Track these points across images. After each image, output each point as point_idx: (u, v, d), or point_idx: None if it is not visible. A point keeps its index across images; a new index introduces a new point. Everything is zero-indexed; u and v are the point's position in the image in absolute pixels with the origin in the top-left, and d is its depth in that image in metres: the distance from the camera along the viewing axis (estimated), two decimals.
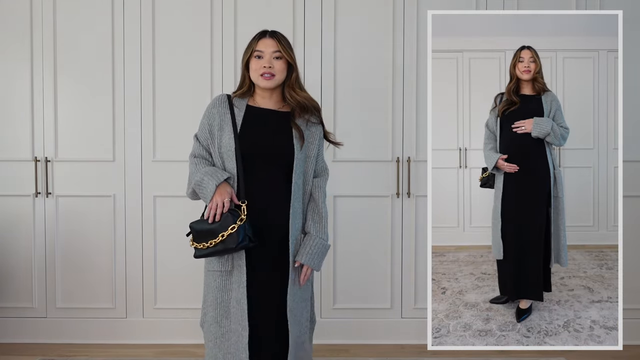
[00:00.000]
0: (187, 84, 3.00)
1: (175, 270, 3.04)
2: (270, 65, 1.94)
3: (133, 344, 3.05)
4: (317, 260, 1.99)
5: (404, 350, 2.98)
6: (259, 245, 1.92)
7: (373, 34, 3.01)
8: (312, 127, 2.03)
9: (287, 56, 1.96)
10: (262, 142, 1.96)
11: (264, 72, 1.94)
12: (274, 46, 1.96)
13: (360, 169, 3.03)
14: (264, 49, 1.95)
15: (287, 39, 2.02)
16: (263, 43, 1.96)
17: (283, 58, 1.96)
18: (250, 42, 2.00)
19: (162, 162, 3.00)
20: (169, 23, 3.00)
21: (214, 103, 2.01)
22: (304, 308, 2.03)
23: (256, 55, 1.96)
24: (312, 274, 2.05)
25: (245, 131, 1.96)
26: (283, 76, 1.98)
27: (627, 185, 2.88)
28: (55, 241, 3.05)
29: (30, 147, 3.03)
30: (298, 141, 1.97)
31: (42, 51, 3.01)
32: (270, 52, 1.95)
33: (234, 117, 1.98)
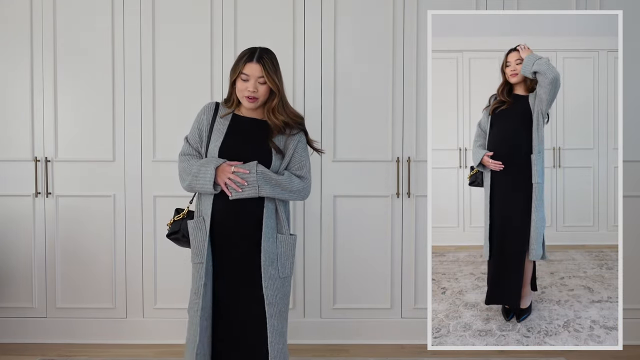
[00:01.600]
0: (187, 84, 3.00)
1: (175, 270, 3.04)
2: (255, 89, 2.10)
3: (133, 344, 3.05)
4: (261, 178, 2.07)
5: (404, 350, 2.98)
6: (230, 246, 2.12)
7: (373, 34, 3.01)
8: (292, 137, 2.18)
9: (271, 82, 2.09)
10: (238, 149, 2.12)
11: (248, 95, 2.10)
12: (259, 72, 2.09)
13: (361, 169, 3.03)
14: (249, 73, 2.09)
15: (274, 60, 2.14)
16: (249, 67, 2.09)
17: (266, 84, 2.10)
18: (238, 61, 2.13)
19: (162, 162, 3.00)
20: (169, 23, 3.00)
21: (204, 109, 2.21)
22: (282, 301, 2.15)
23: (242, 79, 2.10)
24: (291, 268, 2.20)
25: (227, 139, 2.14)
26: (265, 98, 2.14)
27: (627, 185, 2.88)
28: (55, 241, 3.05)
29: (30, 147, 3.04)
30: (276, 154, 2.14)
31: (42, 51, 3.01)
32: (256, 77, 2.09)
33: (212, 125, 2.17)
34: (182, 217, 2.22)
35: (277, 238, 2.14)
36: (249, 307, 2.11)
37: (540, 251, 2.64)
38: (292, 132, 2.17)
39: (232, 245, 2.12)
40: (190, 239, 2.16)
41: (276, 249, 2.12)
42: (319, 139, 2.98)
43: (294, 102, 2.97)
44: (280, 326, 2.11)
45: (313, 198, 3.02)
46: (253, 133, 2.15)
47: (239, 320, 2.13)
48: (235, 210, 2.11)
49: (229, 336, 2.14)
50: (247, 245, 2.11)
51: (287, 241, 2.15)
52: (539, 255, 2.64)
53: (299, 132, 2.19)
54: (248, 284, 2.11)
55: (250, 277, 2.11)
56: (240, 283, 2.12)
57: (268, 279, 2.09)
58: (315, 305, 3.06)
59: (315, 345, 3.02)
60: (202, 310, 2.10)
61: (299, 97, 2.99)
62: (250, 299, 2.11)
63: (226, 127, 2.16)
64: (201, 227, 2.13)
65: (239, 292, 2.12)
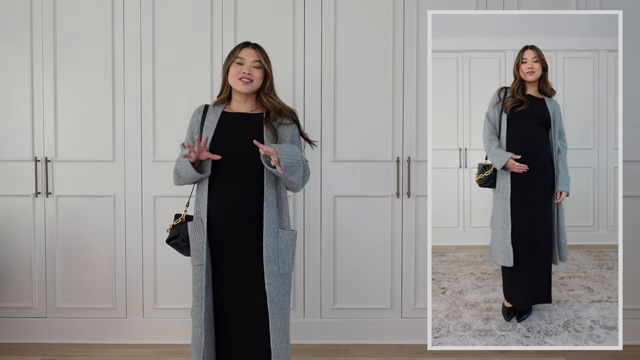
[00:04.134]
0: (187, 84, 3.00)
1: (175, 270, 3.04)
2: (250, 72, 2.14)
3: (133, 344, 3.05)
4: (286, 155, 2.01)
5: (404, 350, 2.98)
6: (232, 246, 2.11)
7: (373, 34, 3.01)
8: (285, 127, 2.18)
9: (266, 66, 2.16)
10: (229, 144, 2.12)
11: (243, 76, 2.13)
12: (255, 56, 2.16)
13: (361, 169, 3.03)
14: (245, 57, 2.16)
15: (267, 54, 2.20)
16: (245, 52, 2.17)
17: (262, 68, 2.16)
18: (233, 50, 2.20)
19: (162, 162, 3.00)
20: (169, 23, 3.00)
21: (194, 113, 2.25)
22: (284, 298, 2.13)
23: (237, 62, 2.15)
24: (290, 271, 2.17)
25: (217, 134, 2.14)
26: (259, 84, 2.17)
27: (627, 185, 2.88)
28: (55, 241, 3.05)
29: (30, 147, 3.04)
30: (269, 139, 2.12)
31: (42, 51, 3.01)
32: (251, 61, 2.15)
33: (202, 125, 2.17)
34: (180, 221, 2.21)
35: (278, 233, 2.12)
36: (251, 306, 2.10)
37: (566, 254, 2.68)
38: (284, 122, 2.17)
39: (231, 244, 2.11)
40: (190, 241, 2.15)
41: (277, 245, 2.11)
42: (318, 139, 2.98)
43: (294, 102, 2.97)
44: (282, 324, 2.10)
45: (313, 198, 3.02)
46: (243, 126, 2.15)
47: (241, 319, 2.12)
48: (232, 207, 2.10)
49: (232, 336, 2.13)
50: (246, 242, 2.10)
51: (288, 236, 2.14)
52: (566, 258, 2.67)
53: (292, 124, 2.20)
54: (249, 282, 2.10)
55: (251, 275, 2.10)
56: (241, 281, 2.11)
57: (270, 275, 2.08)
58: (315, 305, 3.06)
59: (315, 345, 3.02)
60: (205, 312, 2.09)
61: (299, 97, 2.99)
62: (252, 297, 2.10)
63: (215, 123, 2.16)
64: (199, 229, 2.12)
65: (240, 290, 2.11)
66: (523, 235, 2.60)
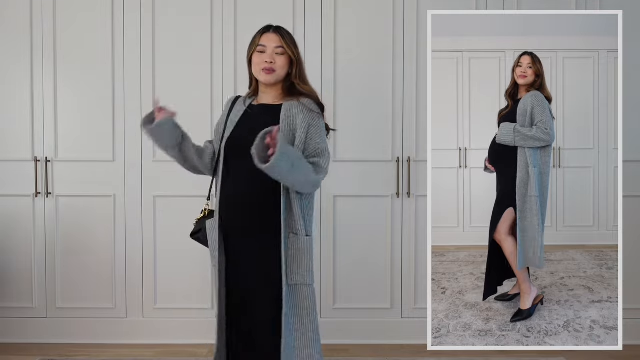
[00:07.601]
0: (187, 84, 3.00)
1: (175, 270, 3.04)
2: (272, 60, 1.93)
3: (133, 344, 3.05)
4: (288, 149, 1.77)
5: (404, 350, 2.98)
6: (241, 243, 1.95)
7: (373, 34, 3.01)
8: (306, 113, 1.92)
9: (290, 52, 1.94)
10: (243, 137, 1.90)
11: (265, 67, 1.93)
12: (277, 41, 1.94)
13: (361, 169, 3.03)
14: (266, 44, 1.94)
15: (292, 35, 2.00)
16: (266, 37, 1.95)
17: (286, 54, 1.94)
18: (255, 36, 1.99)
19: (162, 162, 3.00)
20: (168, 22, 3.00)
21: (225, 103, 2.14)
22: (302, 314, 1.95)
23: (259, 50, 1.94)
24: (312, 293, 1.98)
25: (236, 130, 1.98)
26: (284, 72, 1.96)
27: (627, 185, 2.88)
28: (55, 241, 3.05)
29: (30, 147, 3.03)
30: (285, 133, 1.89)
31: (42, 51, 3.01)
32: (273, 47, 1.94)
33: (228, 117, 2.03)
34: (202, 216, 2.06)
35: (289, 238, 1.91)
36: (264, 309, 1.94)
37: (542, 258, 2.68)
38: (308, 107, 1.93)
39: (242, 243, 1.95)
40: (207, 239, 2.02)
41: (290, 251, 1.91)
42: None
43: None
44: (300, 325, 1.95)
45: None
46: (259, 119, 1.92)
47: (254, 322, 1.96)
48: (243, 203, 1.93)
49: (244, 338, 1.99)
50: (256, 242, 1.93)
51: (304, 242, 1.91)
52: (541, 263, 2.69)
53: (312, 112, 1.94)
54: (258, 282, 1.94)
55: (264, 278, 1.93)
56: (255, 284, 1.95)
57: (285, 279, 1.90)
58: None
59: None
60: (219, 315, 1.98)
61: None
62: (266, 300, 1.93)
63: (238, 117, 2.00)
64: (214, 227, 1.97)
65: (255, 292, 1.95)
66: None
